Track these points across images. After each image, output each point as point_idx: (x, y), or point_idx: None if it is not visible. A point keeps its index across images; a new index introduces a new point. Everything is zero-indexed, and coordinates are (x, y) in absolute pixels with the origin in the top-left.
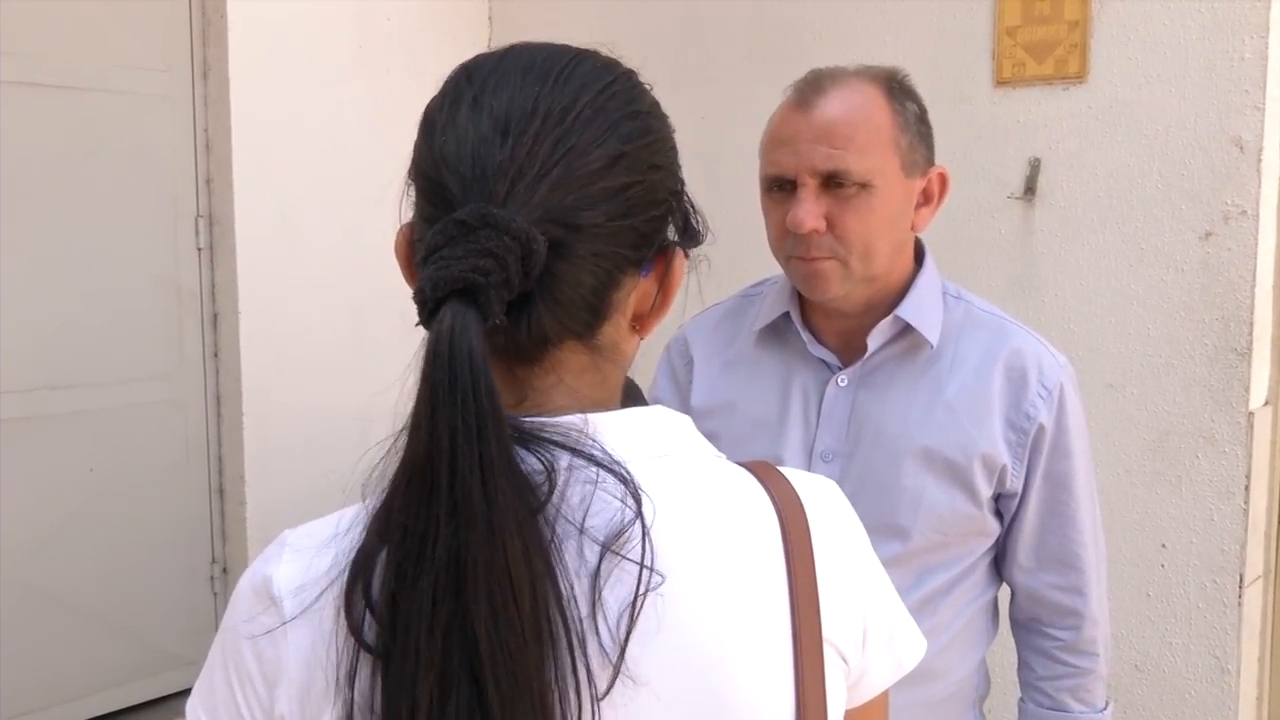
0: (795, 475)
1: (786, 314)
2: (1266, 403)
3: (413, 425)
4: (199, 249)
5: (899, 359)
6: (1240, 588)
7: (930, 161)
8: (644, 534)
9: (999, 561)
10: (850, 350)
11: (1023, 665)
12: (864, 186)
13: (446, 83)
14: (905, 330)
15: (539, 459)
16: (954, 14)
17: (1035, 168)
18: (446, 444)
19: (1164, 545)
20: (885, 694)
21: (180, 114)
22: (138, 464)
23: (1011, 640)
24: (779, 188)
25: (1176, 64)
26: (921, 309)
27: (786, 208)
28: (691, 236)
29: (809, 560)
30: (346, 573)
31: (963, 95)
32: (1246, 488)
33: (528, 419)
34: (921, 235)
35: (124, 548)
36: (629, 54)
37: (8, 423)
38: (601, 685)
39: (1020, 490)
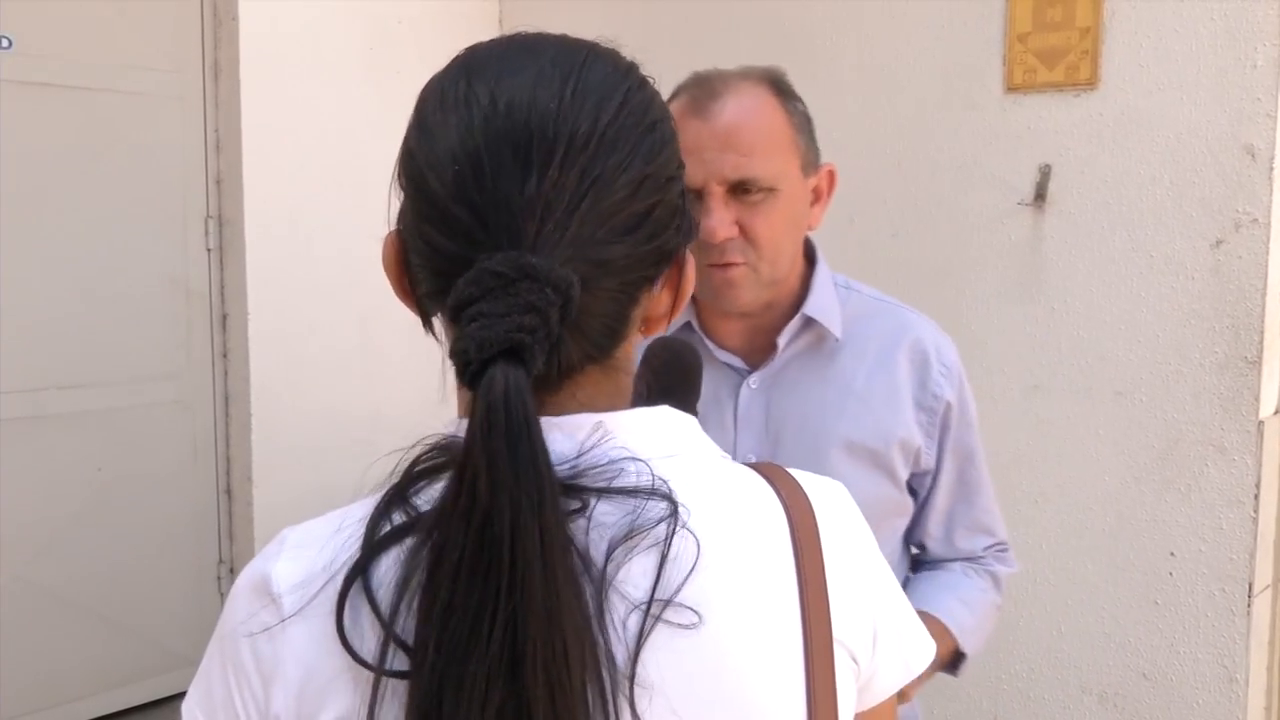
0: (803, 476)
1: (688, 323)
2: (1276, 411)
3: (464, 494)
4: (208, 249)
5: (805, 355)
6: (1249, 596)
7: (819, 159)
8: (668, 540)
9: (909, 532)
10: (755, 351)
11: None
12: (770, 191)
13: (445, 80)
14: (807, 325)
15: (575, 494)
16: (965, 20)
17: (1045, 174)
18: (508, 521)
19: (1172, 553)
20: (893, 697)
21: (191, 115)
22: (145, 464)
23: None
24: None
25: (1188, 71)
26: (824, 305)
27: (696, 218)
28: (691, 232)
29: (819, 561)
30: (341, 582)
31: (973, 101)
32: (1256, 496)
33: (550, 424)
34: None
35: (131, 547)
36: (637, 55)
37: (16, 422)
38: (625, 698)
39: (933, 466)
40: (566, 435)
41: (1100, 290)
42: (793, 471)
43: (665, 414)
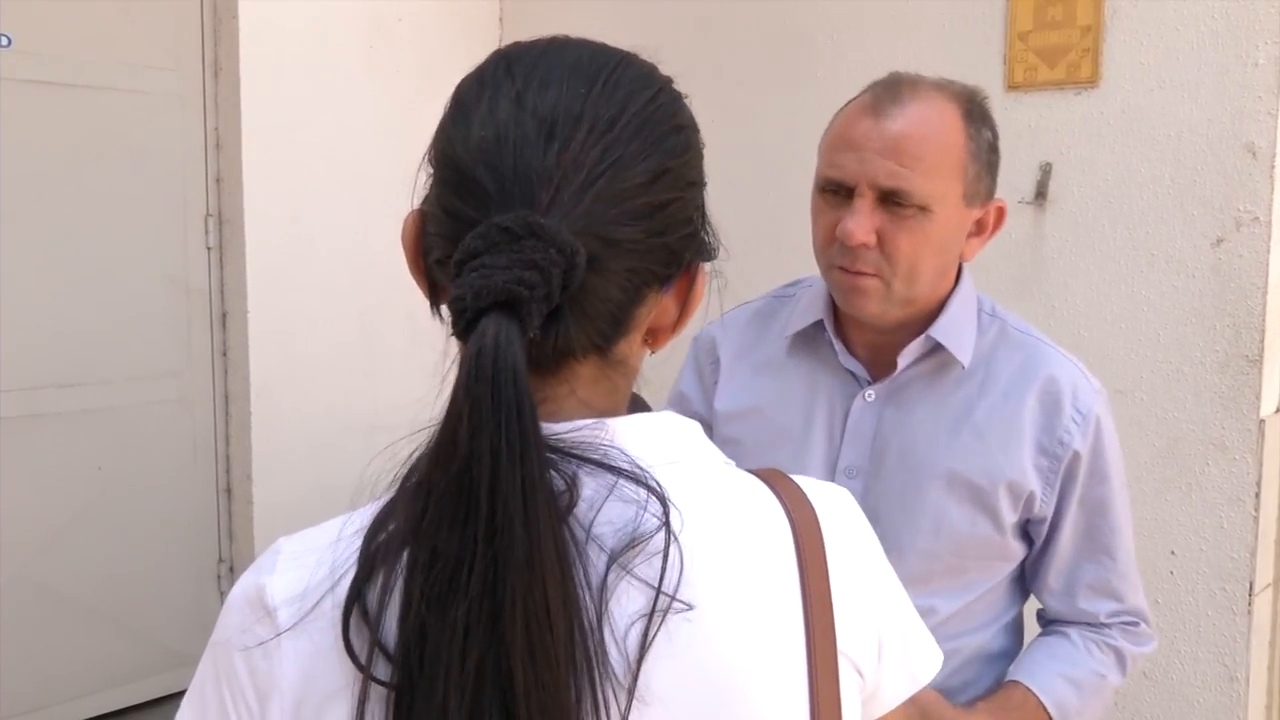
0: (808, 483)
1: (820, 321)
2: (1277, 410)
3: (445, 441)
4: (208, 248)
5: (929, 377)
6: (1250, 595)
7: (992, 192)
8: (667, 547)
9: (1027, 580)
10: (880, 365)
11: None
12: (922, 209)
13: (483, 69)
14: (936, 349)
15: (560, 473)
16: (966, 18)
17: (1046, 173)
18: (488, 465)
19: (1173, 552)
20: (901, 708)
21: (191, 113)
22: (145, 462)
23: None
24: (834, 191)
25: (1189, 69)
26: (954, 328)
27: (839, 214)
28: (708, 251)
29: (823, 570)
30: (346, 591)
31: None
32: (1257, 495)
33: (549, 429)
34: None
35: (131, 546)
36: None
37: (16, 420)
38: (619, 707)
39: (1051, 515)
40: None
41: (1101, 289)
42: (797, 478)
43: (668, 419)
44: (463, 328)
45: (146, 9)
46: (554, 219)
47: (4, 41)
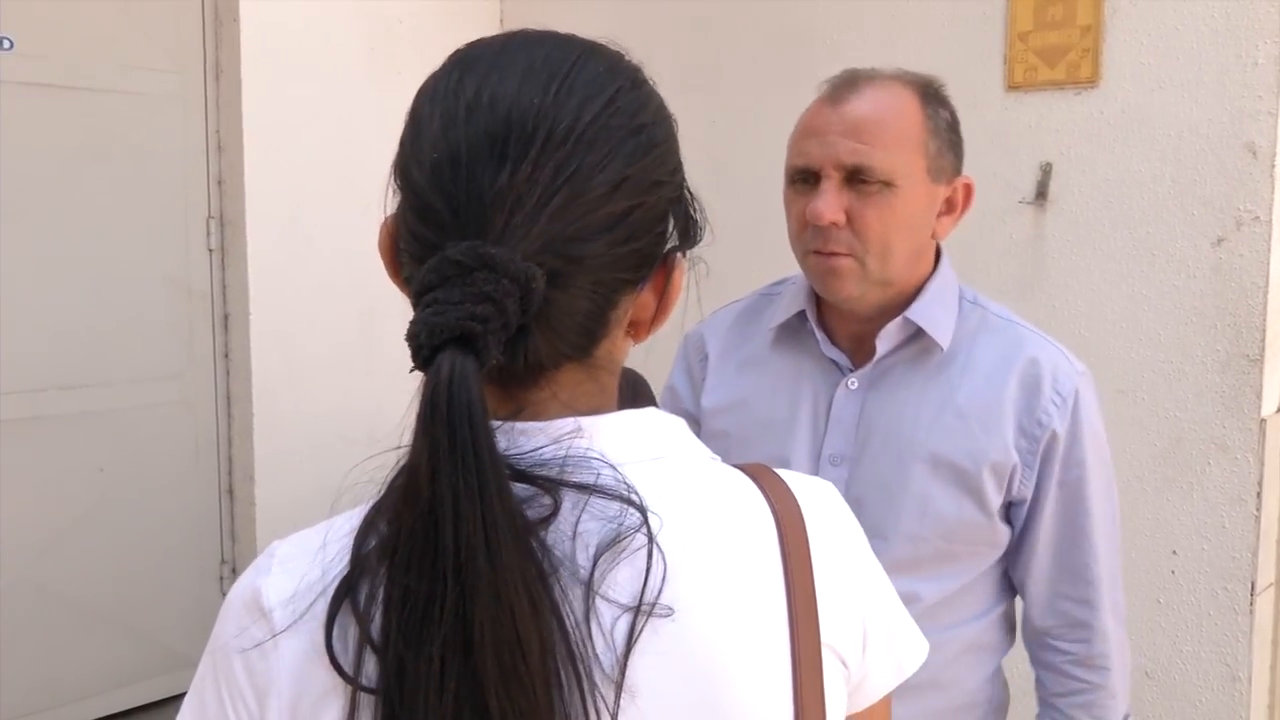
0: (792, 477)
1: (802, 313)
2: (1279, 409)
3: (411, 480)
4: (210, 250)
5: (910, 362)
6: (1251, 595)
7: (957, 170)
8: (650, 546)
9: (1009, 569)
10: (862, 353)
11: (1037, 682)
12: (887, 185)
13: (437, 79)
14: (917, 334)
15: (533, 485)
16: (966, 18)
17: (1047, 172)
18: (449, 506)
19: (1175, 552)
20: (887, 699)
21: (192, 115)
22: (148, 464)
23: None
24: (803, 179)
25: (1189, 69)
26: (932, 312)
27: (808, 200)
28: (692, 236)
29: (806, 563)
30: (331, 597)
31: (974, 100)
32: (1258, 494)
33: (526, 440)
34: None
35: (133, 548)
36: (639, 56)
37: (18, 422)
38: (605, 705)
39: (1030, 497)
40: (542, 437)
41: (1102, 288)
42: (781, 472)
43: (651, 416)
44: (421, 365)
45: (147, 11)
46: (508, 245)
47: (5, 44)
